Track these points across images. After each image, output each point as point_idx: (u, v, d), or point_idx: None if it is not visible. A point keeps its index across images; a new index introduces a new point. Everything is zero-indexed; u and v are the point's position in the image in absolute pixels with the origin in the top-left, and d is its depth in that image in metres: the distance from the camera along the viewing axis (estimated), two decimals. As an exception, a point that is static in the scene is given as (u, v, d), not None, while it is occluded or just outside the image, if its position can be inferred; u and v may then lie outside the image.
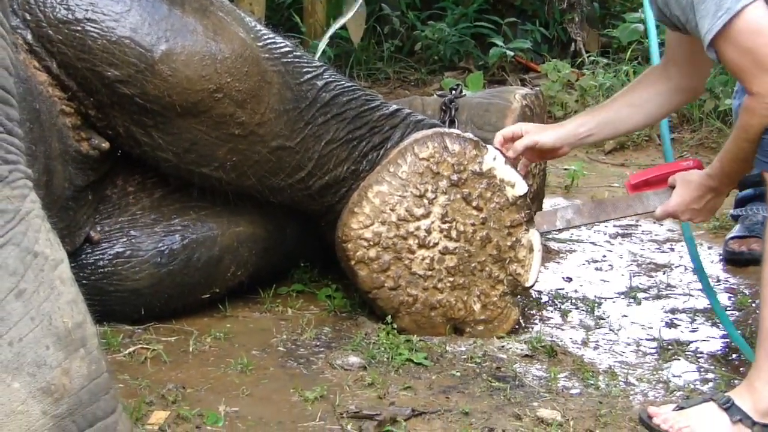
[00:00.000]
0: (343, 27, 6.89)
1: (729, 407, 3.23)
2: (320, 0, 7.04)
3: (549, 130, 3.84)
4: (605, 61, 7.19)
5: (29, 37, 3.39)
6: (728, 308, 4.23)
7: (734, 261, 4.52)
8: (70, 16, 3.44)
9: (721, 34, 3.09)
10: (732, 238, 4.61)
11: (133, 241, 3.76)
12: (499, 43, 7.44)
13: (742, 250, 4.52)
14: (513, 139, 3.81)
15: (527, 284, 3.95)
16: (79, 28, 3.43)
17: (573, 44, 7.64)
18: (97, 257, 3.70)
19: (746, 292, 4.41)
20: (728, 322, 3.97)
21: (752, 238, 4.52)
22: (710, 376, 3.74)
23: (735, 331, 3.92)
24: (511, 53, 7.41)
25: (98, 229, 3.71)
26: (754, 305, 4.27)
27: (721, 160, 3.45)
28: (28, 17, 3.38)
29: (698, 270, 4.19)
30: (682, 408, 3.31)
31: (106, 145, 3.59)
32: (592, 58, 7.29)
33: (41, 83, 3.42)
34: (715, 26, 3.07)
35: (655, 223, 5.13)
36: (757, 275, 4.44)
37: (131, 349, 3.64)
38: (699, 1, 3.12)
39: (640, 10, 7.56)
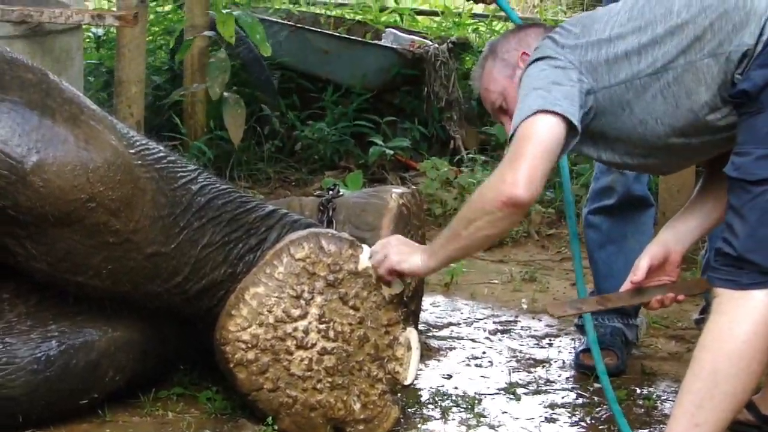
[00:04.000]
0: (224, 128, 6.94)
1: None
2: (200, 101, 7.05)
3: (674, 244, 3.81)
4: (484, 158, 7.26)
5: None
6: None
7: (586, 374, 4.53)
8: None
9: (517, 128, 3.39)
10: (582, 351, 4.61)
11: (8, 348, 3.71)
12: (379, 141, 7.47)
13: (588, 363, 4.50)
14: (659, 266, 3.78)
15: (406, 382, 3.99)
16: None
17: (452, 142, 7.69)
18: (-27, 366, 3.68)
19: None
20: (613, 400, 4.03)
21: (603, 351, 4.49)
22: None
23: (619, 413, 3.99)
24: (391, 152, 7.44)
25: (-27, 336, 3.69)
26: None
27: (435, 241, 3.73)
28: None
29: (593, 348, 4.25)
30: None
31: (-21, 257, 3.59)
32: (470, 155, 7.36)
33: None
34: (515, 123, 3.41)
35: (534, 318, 5.21)
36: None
37: (9, 458, 3.63)
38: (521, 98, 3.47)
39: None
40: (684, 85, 3.41)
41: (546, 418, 4.22)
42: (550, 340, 4.98)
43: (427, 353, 4.68)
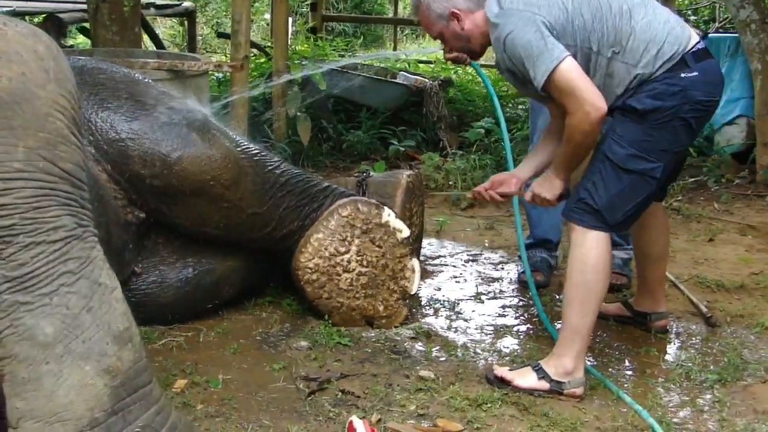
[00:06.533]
0: (297, 134, 6.92)
1: (537, 369, 3.30)
2: (283, 118, 7.03)
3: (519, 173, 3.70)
4: (461, 152, 7.22)
5: (93, 150, 3.39)
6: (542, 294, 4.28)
7: (525, 287, 4.47)
8: (116, 136, 3.44)
9: (548, 82, 3.15)
10: (522, 272, 4.53)
11: (162, 273, 3.74)
12: (395, 142, 7.47)
13: (525, 280, 4.42)
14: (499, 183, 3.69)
15: (412, 292, 3.99)
16: (123, 144, 3.44)
17: (441, 142, 7.67)
18: (140, 284, 3.68)
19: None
20: (541, 309, 4.04)
21: (536, 272, 4.47)
22: (526, 347, 3.79)
23: (545, 316, 3.99)
24: (403, 149, 7.41)
25: (140, 266, 3.70)
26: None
27: (557, 165, 3.41)
28: (91, 138, 3.39)
29: (526, 270, 4.24)
30: (512, 370, 3.38)
31: (143, 215, 3.59)
32: (452, 151, 7.33)
33: (103, 180, 3.43)
34: (542, 78, 3.14)
35: (492, 252, 5.18)
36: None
37: (163, 341, 3.63)
38: (528, 59, 3.15)
39: (482, 120, 7.65)
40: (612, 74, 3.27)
41: (499, 314, 4.21)
42: (502, 265, 4.95)
43: (425, 274, 4.66)
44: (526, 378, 3.32)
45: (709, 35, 8.08)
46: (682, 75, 3.23)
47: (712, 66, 3.32)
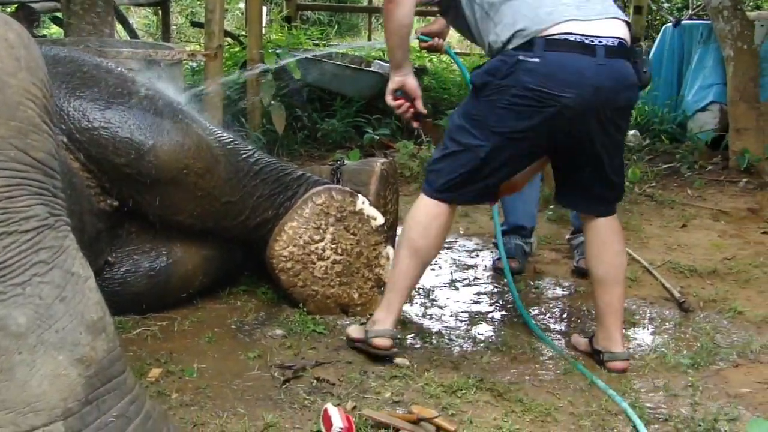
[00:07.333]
0: (272, 123, 6.89)
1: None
2: (257, 107, 7.00)
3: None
4: (436, 140, 7.24)
5: (65, 139, 3.37)
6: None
7: (500, 274, 4.51)
8: (89, 125, 3.42)
9: None
10: (497, 259, 4.55)
11: (135, 261, 3.72)
12: (370, 131, 7.47)
13: (500, 267, 4.44)
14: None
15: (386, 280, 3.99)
16: (96, 132, 3.42)
17: (416, 131, 7.66)
18: (114, 273, 3.66)
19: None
20: (516, 296, 4.04)
21: (511, 259, 4.45)
22: (501, 334, 3.80)
23: (520, 303, 3.99)
24: (377, 137, 7.42)
25: (113, 255, 3.68)
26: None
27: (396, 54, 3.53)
28: (63, 127, 3.36)
29: (502, 257, 4.23)
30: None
31: (116, 203, 3.57)
32: (427, 139, 7.33)
33: (76, 168, 3.41)
34: None
35: (467, 239, 5.19)
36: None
37: (137, 331, 3.61)
38: None
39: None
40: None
41: (474, 301, 4.22)
42: (477, 252, 4.96)
43: (400, 262, 4.66)
44: (358, 329, 3.52)
45: (682, 22, 8.13)
46: (520, 57, 3.05)
47: (567, 60, 3.02)
